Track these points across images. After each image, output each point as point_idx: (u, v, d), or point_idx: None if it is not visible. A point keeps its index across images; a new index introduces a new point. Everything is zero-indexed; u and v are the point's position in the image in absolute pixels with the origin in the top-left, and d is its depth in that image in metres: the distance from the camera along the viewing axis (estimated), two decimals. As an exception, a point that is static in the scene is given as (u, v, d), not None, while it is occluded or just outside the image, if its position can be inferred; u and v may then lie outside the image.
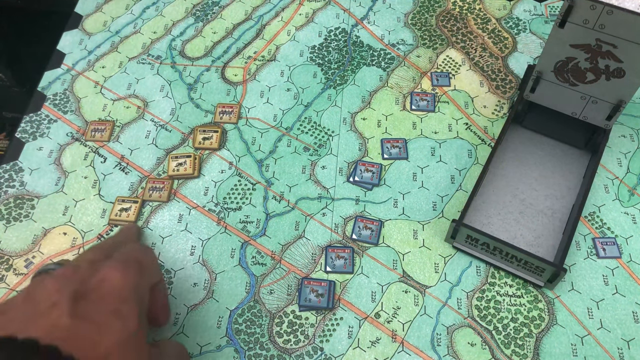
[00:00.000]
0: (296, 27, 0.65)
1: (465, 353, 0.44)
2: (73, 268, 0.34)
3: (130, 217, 0.50)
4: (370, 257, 0.49)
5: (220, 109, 0.58)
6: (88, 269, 0.34)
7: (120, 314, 0.32)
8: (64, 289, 0.31)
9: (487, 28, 0.65)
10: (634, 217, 0.50)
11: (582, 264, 0.48)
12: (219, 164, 0.54)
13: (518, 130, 0.55)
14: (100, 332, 0.31)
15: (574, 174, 0.52)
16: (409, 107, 0.58)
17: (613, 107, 0.47)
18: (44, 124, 0.57)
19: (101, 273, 0.34)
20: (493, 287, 0.47)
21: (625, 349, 0.44)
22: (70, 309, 0.30)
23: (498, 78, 0.60)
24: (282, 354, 0.44)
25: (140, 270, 0.36)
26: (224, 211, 0.51)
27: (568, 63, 0.46)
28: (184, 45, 0.64)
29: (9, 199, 0.52)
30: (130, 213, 0.51)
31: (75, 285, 0.32)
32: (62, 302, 0.31)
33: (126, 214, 0.51)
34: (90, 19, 0.66)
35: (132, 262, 0.36)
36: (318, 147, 0.55)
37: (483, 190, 0.51)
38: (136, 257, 0.38)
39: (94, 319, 0.31)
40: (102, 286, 0.33)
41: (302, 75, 0.61)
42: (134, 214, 0.50)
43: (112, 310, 0.32)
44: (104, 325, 0.31)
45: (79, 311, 0.31)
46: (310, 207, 0.52)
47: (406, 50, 0.63)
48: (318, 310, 0.46)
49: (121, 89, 0.60)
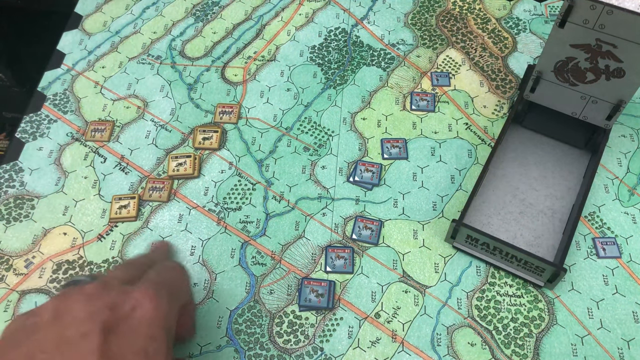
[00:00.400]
0: (296, 27, 0.65)
1: (465, 353, 0.44)
2: (103, 286, 0.33)
3: (130, 213, 0.50)
4: (370, 257, 0.49)
5: (220, 109, 0.58)
6: (119, 292, 0.33)
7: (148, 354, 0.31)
8: (95, 318, 0.31)
9: (487, 28, 0.65)
10: (634, 217, 0.50)
11: (582, 264, 0.48)
12: (219, 164, 0.54)
13: (518, 130, 0.55)
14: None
15: (574, 174, 0.52)
16: (409, 107, 0.58)
17: (613, 107, 0.47)
18: (44, 124, 0.57)
19: (132, 299, 0.33)
20: (493, 287, 0.47)
21: (625, 349, 0.44)
22: (100, 348, 0.29)
23: (498, 78, 0.60)
24: (282, 354, 0.44)
25: (171, 295, 0.36)
26: (224, 211, 0.51)
27: (568, 63, 0.46)
28: (184, 45, 0.64)
29: (9, 199, 0.52)
30: (130, 209, 0.51)
31: (106, 314, 0.31)
32: (93, 336, 0.30)
33: (126, 211, 0.51)
34: (90, 19, 0.66)
35: (164, 287, 0.35)
36: (318, 147, 0.55)
37: (483, 190, 0.51)
38: (168, 278, 0.37)
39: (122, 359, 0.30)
40: (133, 316, 0.32)
41: (302, 75, 0.61)
42: (134, 210, 0.51)
43: (139, 350, 0.31)
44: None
45: (108, 350, 0.30)
46: (310, 207, 0.52)
47: (406, 50, 0.63)
48: (318, 310, 0.46)
49: (121, 89, 0.60)
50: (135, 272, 0.37)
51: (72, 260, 0.49)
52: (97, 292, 0.32)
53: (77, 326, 0.30)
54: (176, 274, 0.39)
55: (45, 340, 0.30)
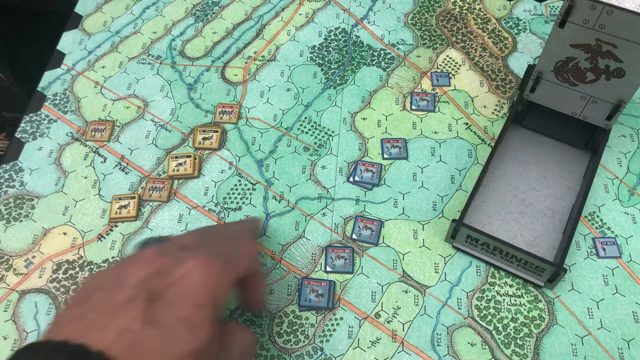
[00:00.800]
0: (296, 27, 0.65)
1: (465, 353, 0.44)
2: (160, 252, 0.34)
3: (130, 213, 0.50)
4: (370, 257, 0.49)
5: (220, 109, 0.58)
6: (172, 259, 0.34)
7: (191, 322, 0.31)
8: (143, 284, 0.31)
9: (487, 28, 0.65)
10: (634, 217, 0.50)
11: (582, 264, 0.48)
12: (219, 164, 0.54)
13: (518, 130, 0.55)
14: (167, 342, 0.30)
15: (574, 173, 0.52)
16: (409, 107, 0.58)
17: (613, 107, 0.47)
18: (44, 124, 0.57)
19: (184, 267, 0.33)
20: (493, 287, 0.47)
21: (625, 348, 0.44)
22: (144, 313, 0.30)
23: (498, 78, 0.60)
24: (282, 354, 0.44)
25: (226, 267, 0.35)
26: (224, 211, 0.51)
27: (568, 63, 0.46)
28: (184, 45, 0.64)
29: (9, 199, 0.52)
30: (130, 209, 0.51)
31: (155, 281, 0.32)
32: (138, 301, 0.30)
33: (126, 211, 0.51)
34: (90, 19, 0.66)
35: (220, 258, 0.35)
36: (318, 147, 0.55)
37: (483, 190, 0.51)
38: (228, 250, 0.37)
39: (164, 325, 0.30)
40: (181, 284, 0.32)
41: (302, 75, 0.61)
42: (134, 210, 0.51)
43: (183, 317, 0.31)
44: (172, 335, 0.31)
45: (152, 316, 0.30)
46: (310, 207, 0.52)
47: (406, 50, 0.63)
48: (318, 310, 0.46)
49: (121, 89, 0.60)
50: (201, 240, 0.37)
51: (72, 260, 0.49)
52: (152, 258, 0.33)
53: (126, 290, 0.31)
54: (240, 245, 0.39)
55: (99, 301, 0.31)
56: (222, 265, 0.35)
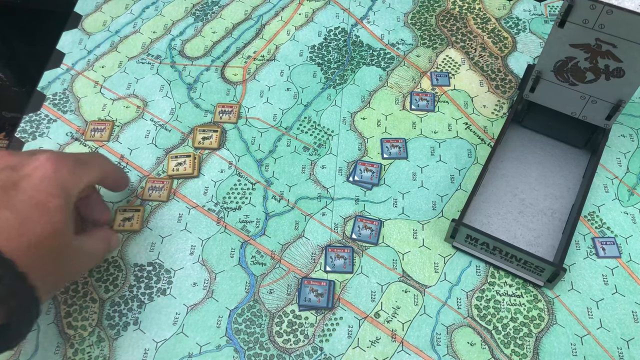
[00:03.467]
0: (296, 27, 0.65)
1: (465, 353, 0.44)
2: (10, 152, 0.38)
3: (134, 227, 0.50)
4: (370, 256, 0.49)
5: (219, 108, 0.58)
6: (24, 156, 0.37)
7: (47, 208, 0.35)
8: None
9: (487, 28, 0.65)
10: (634, 217, 0.50)
11: (581, 264, 0.48)
12: (219, 164, 0.54)
13: (518, 130, 0.55)
14: (25, 225, 0.33)
15: (573, 173, 0.52)
16: (408, 106, 0.58)
17: (613, 106, 0.47)
18: (43, 124, 0.57)
19: (36, 161, 0.37)
20: (493, 286, 0.47)
21: (625, 348, 0.44)
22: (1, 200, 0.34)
23: (498, 78, 0.60)
24: (282, 353, 0.44)
25: (76, 164, 0.39)
26: (223, 211, 0.51)
27: (568, 63, 0.46)
28: (184, 45, 0.64)
29: (9, 198, 0.52)
30: (134, 222, 0.50)
31: (7, 172, 0.35)
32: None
33: (130, 224, 0.50)
34: (89, 18, 0.66)
35: (70, 158, 0.39)
36: (318, 146, 0.55)
37: (483, 190, 0.51)
38: (82, 157, 0.40)
39: (20, 210, 0.34)
40: (34, 174, 0.36)
41: (302, 75, 0.61)
42: (138, 223, 0.50)
43: (38, 202, 0.35)
44: (29, 218, 0.34)
45: (8, 202, 0.34)
46: (310, 207, 0.52)
47: (406, 50, 0.63)
48: (318, 310, 0.46)
49: (121, 89, 0.60)
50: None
51: (72, 259, 0.49)
52: (4, 155, 0.37)
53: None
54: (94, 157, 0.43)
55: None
56: (73, 162, 0.39)
